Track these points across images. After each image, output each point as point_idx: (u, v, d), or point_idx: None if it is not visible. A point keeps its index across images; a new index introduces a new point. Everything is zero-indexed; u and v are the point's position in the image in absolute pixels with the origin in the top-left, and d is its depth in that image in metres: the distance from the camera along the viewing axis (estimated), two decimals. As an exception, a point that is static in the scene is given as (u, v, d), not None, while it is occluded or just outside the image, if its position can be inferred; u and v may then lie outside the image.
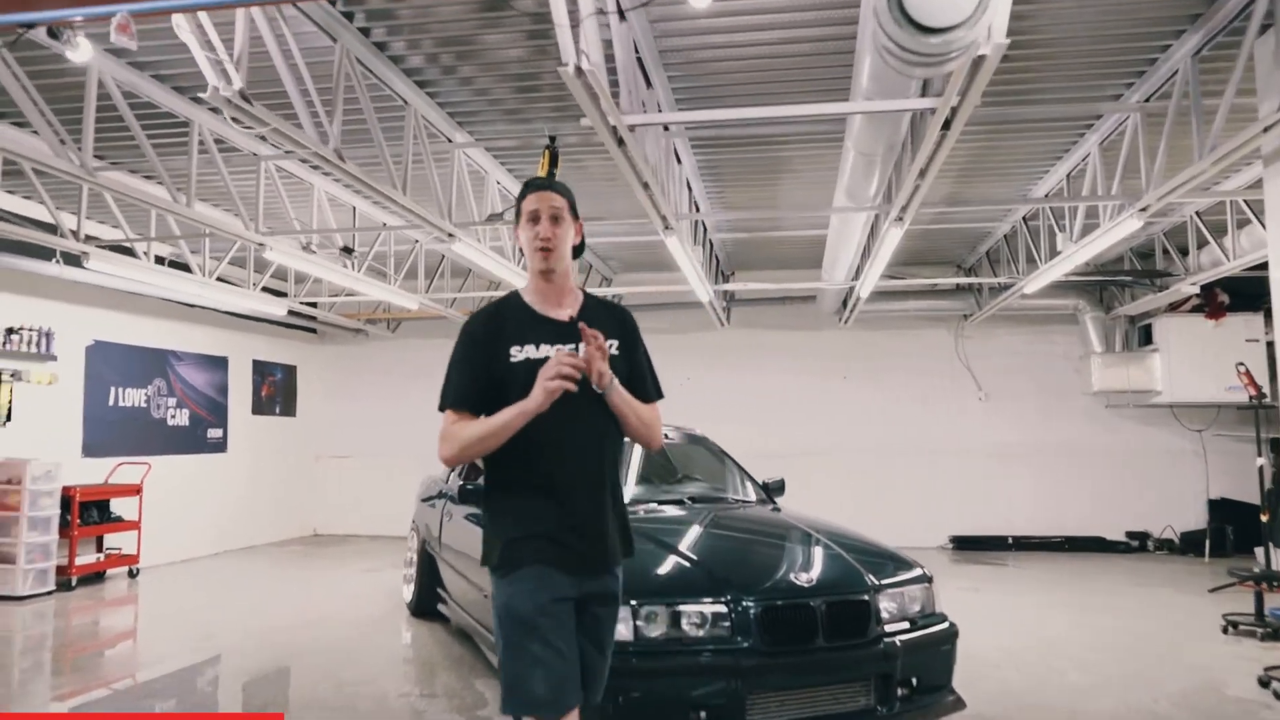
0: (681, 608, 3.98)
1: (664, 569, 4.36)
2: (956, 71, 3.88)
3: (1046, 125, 6.64)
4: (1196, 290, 9.38)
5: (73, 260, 7.63)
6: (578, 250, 2.69)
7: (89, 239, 7.38)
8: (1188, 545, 10.99)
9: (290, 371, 13.10)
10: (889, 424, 11.96)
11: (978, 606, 7.72)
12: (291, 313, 10.88)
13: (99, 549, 9.16)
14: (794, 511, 5.66)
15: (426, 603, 7.11)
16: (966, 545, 11.61)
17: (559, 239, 2.56)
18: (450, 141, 6.57)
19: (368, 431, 13.23)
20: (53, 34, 3.38)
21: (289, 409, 13.06)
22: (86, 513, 8.75)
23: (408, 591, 7.63)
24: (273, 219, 8.04)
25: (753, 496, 5.98)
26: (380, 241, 9.15)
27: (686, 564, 4.38)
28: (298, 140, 4.61)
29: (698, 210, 8.02)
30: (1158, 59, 5.47)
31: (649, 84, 5.38)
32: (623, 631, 3.89)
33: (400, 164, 5.94)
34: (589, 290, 2.81)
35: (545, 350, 2.48)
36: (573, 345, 2.47)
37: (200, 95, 3.99)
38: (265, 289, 9.90)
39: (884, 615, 4.19)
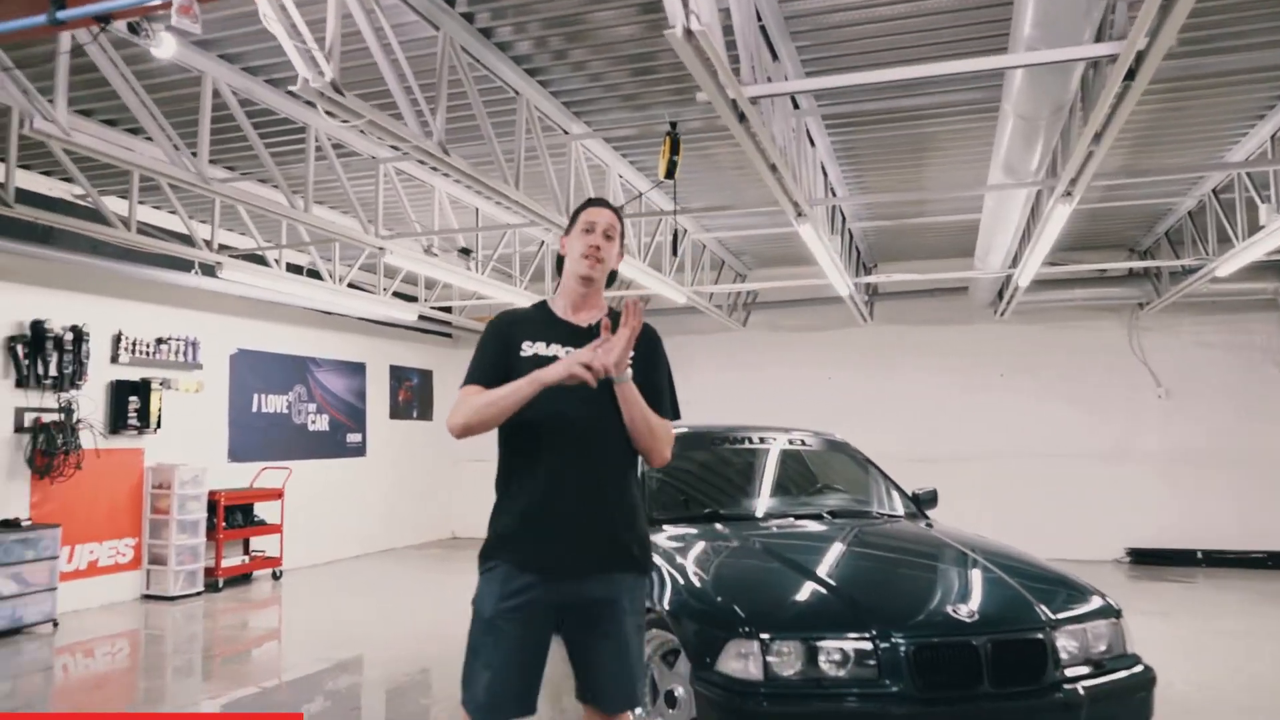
0: (819, 643, 3.45)
1: (799, 596, 3.85)
2: (1146, 6, 3.20)
3: (1246, 77, 5.67)
4: None
5: (210, 271, 7.80)
6: (613, 276, 2.79)
7: (222, 248, 7.51)
8: None
9: (426, 376, 13.25)
10: (1053, 425, 10.87)
11: (1169, 635, 6.75)
12: (424, 318, 10.92)
13: (246, 551, 9.41)
14: (949, 528, 5.01)
15: (553, 615, 6.82)
16: (1147, 559, 10.41)
17: (608, 253, 2.68)
18: (566, 133, 6.25)
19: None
20: (133, 29, 3.25)
21: (426, 413, 13.20)
22: (231, 516, 8.99)
23: (534, 603, 7.38)
24: (397, 223, 7.97)
25: (901, 510, 5.36)
26: (504, 244, 8.98)
27: (825, 591, 3.84)
28: (399, 134, 4.36)
29: (833, 195, 7.40)
30: (1397, -16, 4.52)
31: (774, 56, 4.88)
32: (752, 670, 3.43)
33: (512, 159, 5.65)
34: (616, 309, 2.81)
35: (555, 349, 2.58)
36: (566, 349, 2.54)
37: (292, 89, 3.78)
38: (396, 294, 9.94)
39: (1063, 656, 3.52)
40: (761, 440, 5.72)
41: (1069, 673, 3.50)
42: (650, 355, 2.68)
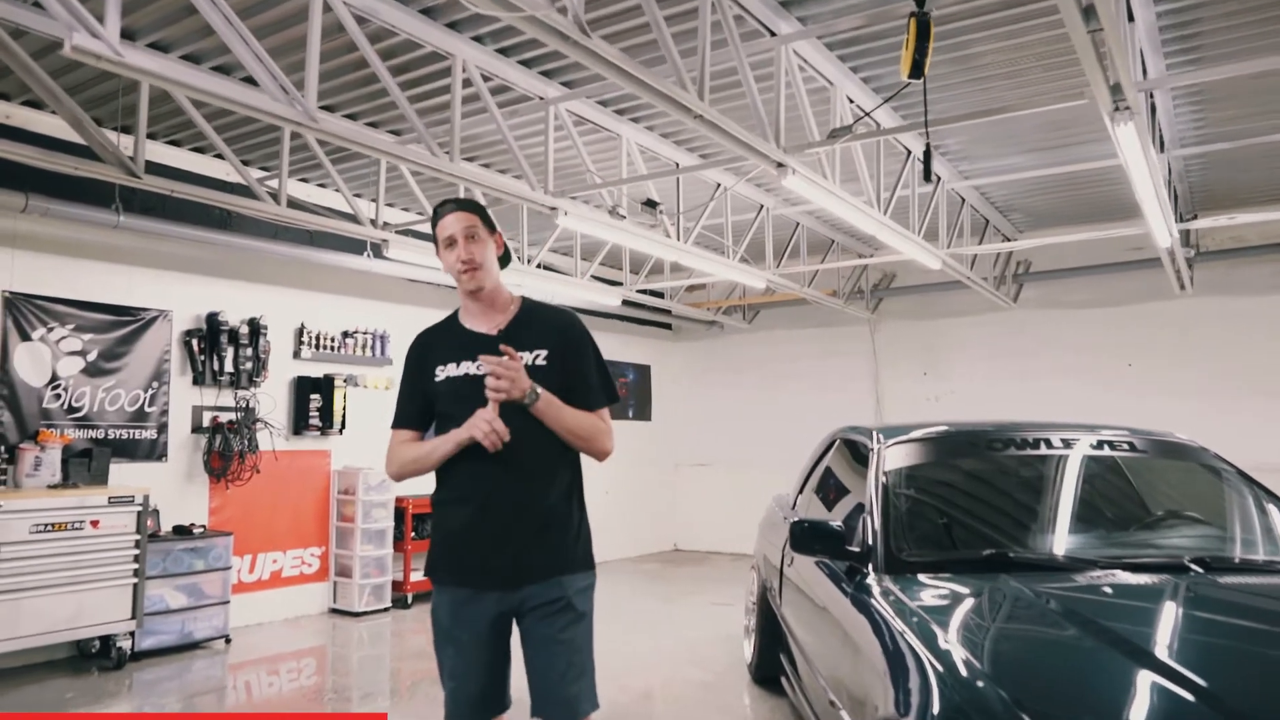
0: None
1: (1142, 710, 2.09)
2: None
3: None
4: None
5: (378, 251, 7.01)
6: (503, 261, 2.70)
7: (386, 226, 6.66)
8: None
9: (643, 372, 12.10)
10: None
11: None
12: (632, 304, 9.77)
13: (441, 563, 8.63)
14: None
15: (768, 666, 5.31)
16: None
17: (481, 256, 2.59)
18: (773, 35, 4.70)
19: (728, 436, 11.85)
20: None
21: (643, 412, 12.06)
22: (421, 525, 8.20)
23: (748, 648, 5.87)
24: (580, 186, 6.73)
25: (1310, 556, 3.33)
26: (710, 213, 7.50)
27: (1193, 700, 2.05)
28: (512, 3, 3.03)
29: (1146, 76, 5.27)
30: None
31: None
32: None
33: (696, 76, 4.19)
34: (531, 298, 2.74)
35: (466, 367, 2.56)
36: (476, 364, 2.54)
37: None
38: (596, 278, 8.81)
39: None
40: (1065, 443, 3.86)
41: None
42: (570, 348, 2.62)
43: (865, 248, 10.04)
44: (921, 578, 3.14)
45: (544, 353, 2.56)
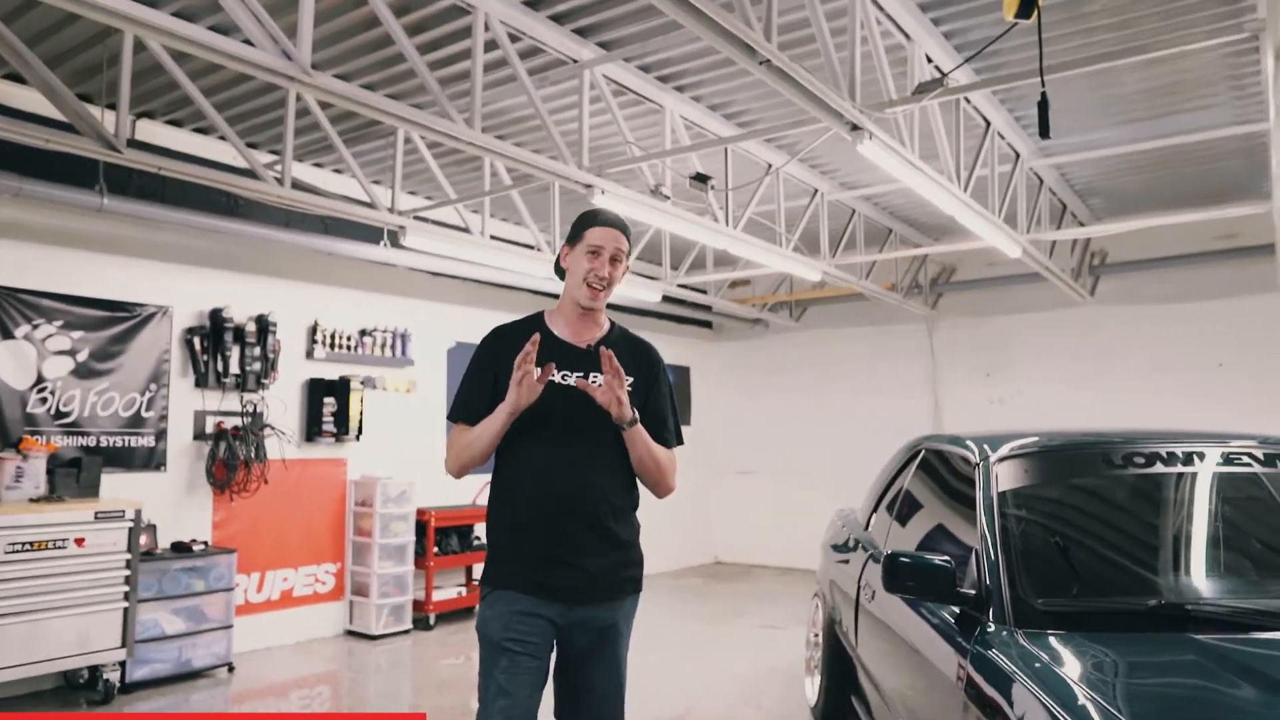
0: None
1: None
2: None
3: None
4: None
5: (394, 239, 6.39)
6: None
7: (402, 212, 6.03)
8: None
9: (682, 373, 11.40)
10: None
11: None
12: (672, 300, 9.08)
13: (467, 582, 7.98)
14: None
15: (835, 710, 4.60)
16: None
17: (614, 281, 2.54)
18: (846, -25, 3.99)
19: (773, 443, 11.11)
20: None
21: (681, 417, 11.29)
22: (444, 540, 7.56)
23: (810, 687, 5.15)
24: (608, 159, 6.05)
25: None
26: (760, 199, 6.77)
27: None
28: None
29: None
30: None
31: None
32: None
33: (760, 16, 3.50)
34: (618, 324, 2.66)
35: (553, 375, 2.46)
36: (580, 374, 2.47)
37: None
38: (633, 272, 8.12)
39: None
40: (1226, 459, 3.07)
41: None
42: (650, 380, 2.60)
43: (925, 238, 9.27)
44: (1050, 638, 2.42)
45: (630, 380, 2.48)
